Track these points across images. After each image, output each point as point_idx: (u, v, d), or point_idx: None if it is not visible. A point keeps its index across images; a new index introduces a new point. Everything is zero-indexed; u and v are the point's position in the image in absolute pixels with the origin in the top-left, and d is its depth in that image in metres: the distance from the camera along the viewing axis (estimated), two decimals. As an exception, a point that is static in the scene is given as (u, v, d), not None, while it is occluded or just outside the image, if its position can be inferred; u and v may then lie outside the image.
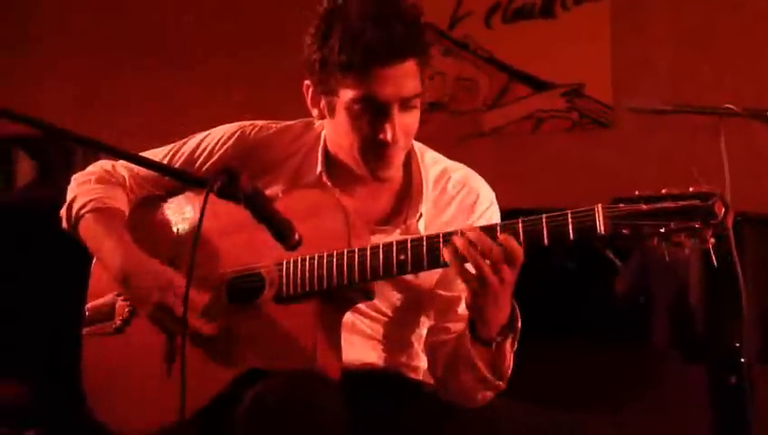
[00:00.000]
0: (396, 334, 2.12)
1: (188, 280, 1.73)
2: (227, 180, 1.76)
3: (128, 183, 2.26)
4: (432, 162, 2.16)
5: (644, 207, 1.71)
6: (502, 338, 1.91)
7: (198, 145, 2.21)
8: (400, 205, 2.12)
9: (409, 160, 2.13)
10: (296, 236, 1.79)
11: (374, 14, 1.92)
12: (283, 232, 1.80)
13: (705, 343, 2.80)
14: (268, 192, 2.07)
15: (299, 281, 1.93)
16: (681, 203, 1.68)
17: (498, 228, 1.82)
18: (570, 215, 1.75)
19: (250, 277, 2.01)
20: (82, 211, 2.19)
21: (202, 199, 1.73)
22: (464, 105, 4.21)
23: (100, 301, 2.20)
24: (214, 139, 2.19)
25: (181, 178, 2.05)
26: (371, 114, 1.96)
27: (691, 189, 1.70)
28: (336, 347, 1.95)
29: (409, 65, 1.94)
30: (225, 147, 2.17)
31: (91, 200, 2.19)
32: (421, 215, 2.08)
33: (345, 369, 1.95)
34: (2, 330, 3.33)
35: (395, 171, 2.07)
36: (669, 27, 4.01)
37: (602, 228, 1.71)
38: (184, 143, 2.23)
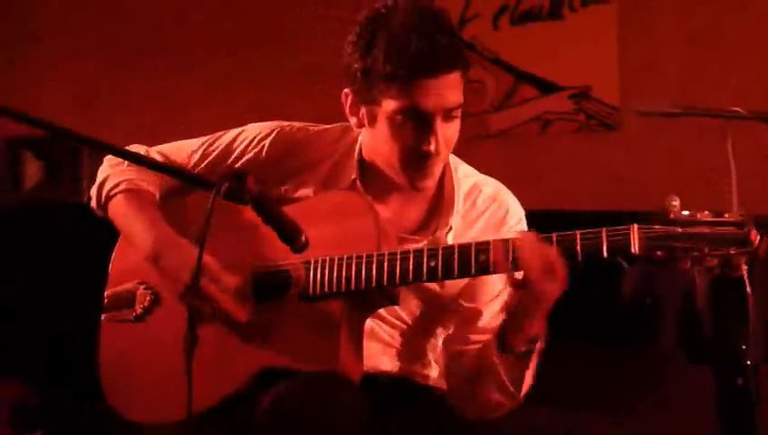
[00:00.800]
0: (412, 343, 2.12)
1: (196, 275, 1.74)
2: (234, 183, 1.77)
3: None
4: (464, 176, 2.16)
5: (679, 230, 1.72)
6: (527, 349, 1.91)
7: (234, 140, 2.19)
8: (431, 216, 2.12)
9: (443, 173, 2.12)
10: (303, 239, 1.79)
11: (418, 25, 1.92)
12: (289, 234, 1.81)
13: (711, 346, 2.80)
14: (299, 193, 2.11)
15: (326, 281, 1.93)
16: (717, 229, 1.70)
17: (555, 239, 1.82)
18: (605, 233, 1.76)
19: (276, 273, 2.01)
20: (114, 191, 2.18)
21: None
22: (471, 107, 4.18)
23: (121, 287, 2.19)
24: (249, 135, 2.19)
25: (189, 181, 2.05)
26: (414, 125, 1.96)
27: (726, 216, 1.71)
28: (358, 351, 1.95)
29: (453, 77, 1.95)
30: (261, 145, 2.16)
31: (123, 181, 2.18)
32: (451, 228, 2.08)
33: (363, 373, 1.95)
34: (8, 330, 3.33)
35: (433, 182, 2.07)
36: (676, 29, 4.00)
37: (636, 249, 1.73)
38: (219, 137, 2.22)
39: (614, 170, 3.93)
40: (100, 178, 2.23)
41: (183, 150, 2.24)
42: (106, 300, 2.20)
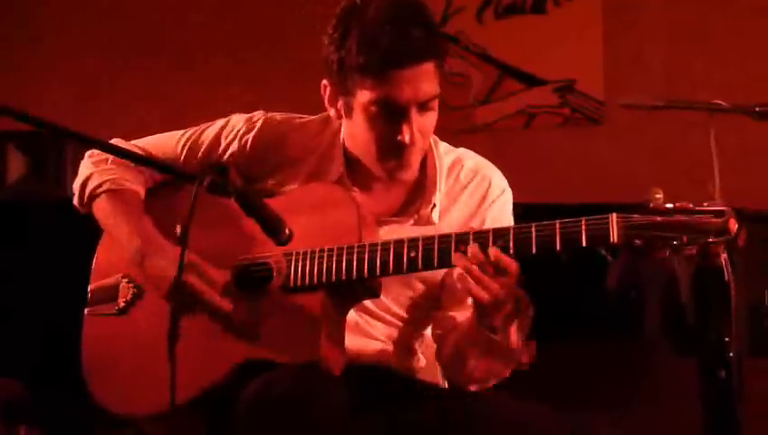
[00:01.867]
0: (397, 334, 2.12)
1: (179, 270, 1.74)
2: (218, 176, 1.76)
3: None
4: (445, 152, 2.16)
5: (658, 219, 1.73)
6: (505, 324, 1.92)
7: (219, 133, 2.18)
8: (414, 196, 2.12)
9: (425, 156, 2.12)
10: (287, 232, 1.80)
11: (392, 16, 1.92)
12: (273, 227, 1.81)
13: (695, 338, 2.81)
14: (287, 188, 2.10)
15: (307, 272, 1.93)
16: (695, 217, 1.71)
17: (491, 238, 1.83)
18: (583, 222, 1.77)
19: (258, 265, 2.01)
20: (98, 191, 2.18)
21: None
22: (456, 101, 4.21)
23: (105, 281, 2.19)
24: (234, 128, 2.17)
25: (171, 173, 2.05)
26: (389, 116, 1.96)
27: (706, 204, 1.72)
28: (340, 342, 1.95)
29: (427, 67, 1.94)
30: (245, 139, 2.15)
31: (106, 180, 2.17)
32: (434, 205, 2.09)
33: (346, 365, 1.95)
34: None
35: (412, 173, 2.06)
36: (661, 23, 4.01)
37: (615, 238, 1.74)
38: (203, 130, 2.21)
39: (599, 164, 3.94)
40: (82, 175, 2.22)
41: (166, 144, 2.23)
42: (89, 294, 2.20)
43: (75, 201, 2.23)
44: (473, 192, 2.13)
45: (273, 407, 1.75)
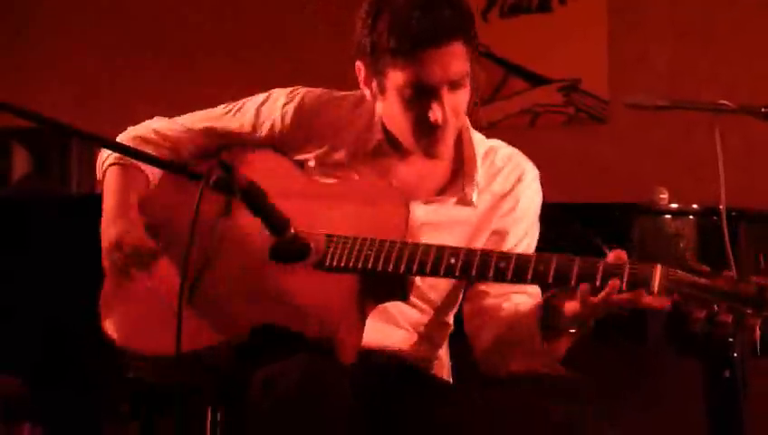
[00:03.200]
0: (426, 323, 2.15)
1: (184, 268, 1.75)
2: (224, 173, 1.77)
3: (180, 141, 2.29)
4: (480, 141, 2.22)
5: (701, 281, 1.74)
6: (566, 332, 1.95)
7: (261, 105, 2.24)
8: (456, 176, 2.16)
9: (461, 137, 2.17)
10: (291, 232, 1.80)
11: None
12: (277, 225, 1.81)
13: (699, 337, 2.81)
14: (336, 157, 2.16)
15: (345, 255, 1.95)
16: (737, 287, 1.72)
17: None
18: (627, 266, 1.78)
19: (297, 241, 2.00)
20: (106, 163, 2.25)
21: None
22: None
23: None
24: (275, 100, 2.23)
25: (176, 171, 2.05)
26: (421, 96, 2.00)
27: (753, 278, 1.72)
28: (358, 332, 1.95)
29: (456, 47, 1.99)
30: (287, 108, 2.20)
31: (111, 154, 2.24)
32: (477, 184, 2.14)
33: (362, 351, 1.96)
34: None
35: (447, 149, 2.11)
36: (666, 23, 4.01)
37: (656, 288, 1.75)
38: (244, 103, 2.27)
39: (603, 163, 3.94)
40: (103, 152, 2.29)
41: (209, 117, 2.30)
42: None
43: (99, 176, 2.30)
44: (508, 175, 2.19)
45: (280, 399, 1.75)
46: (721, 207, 2.41)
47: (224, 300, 1.99)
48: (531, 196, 2.19)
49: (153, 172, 2.24)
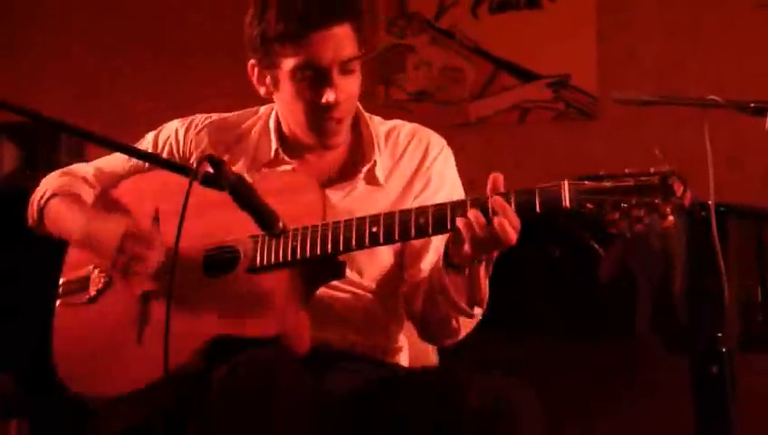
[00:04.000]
0: (373, 313, 2.16)
1: (173, 263, 1.74)
2: (212, 168, 1.77)
3: (95, 179, 2.31)
4: (380, 123, 2.26)
5: (607, 184, 1.80)
6: (476, 262, 1.95)
7: (156, 136, 2.30)
8: (355, 159, 2.20)
9: (358, 121, 2.21)
10: (280, 225, 1.81)
11: None
12: (267, 220, 1.81)
13: (687, 333, 2.81)
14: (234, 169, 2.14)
15: (273, 252, 1.97)
16: (641, 180, 1.79)
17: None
18: (537, 190, 1.84)
19: (225, 250, 2.05)
20: (43, 200, 2.25)
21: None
22: (450, 95, 4.21)
23: (76, 273, 2.23)
24: (169, 131, 2.29)
25: (167, 167, 2.05)
26: (313, 81, 2.05)
27: (652, 170, 1.80)
28: (306, 322, 1.97)
29: (344, 29, 2.04)
30: (185, 138, 2.26)
31: (50, 188, 2.26)
32: (375, 162, 2.16)
33: (317, 348, 1.98)
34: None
35: (342, 137, 2.15)
36: (655, 20, 4.02)
37: (567, 202, 1.81)
38: (142, 141, 2.32)
39: (592, 159, 3.94)
40: (33, 196, 2.30)
41: (118, 159, 2.32)
42: (61, 286, 2.24)
43: (30, 222, 2.31)
44: (413, 152, 2.21)
45: (238, 393, 1.76)
46: (710, 202, 2.42)
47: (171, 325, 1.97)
48: (440, 170, 2.20)
49: (88, 199, 2.27)
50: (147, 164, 2.25)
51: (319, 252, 1.94)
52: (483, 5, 4.18)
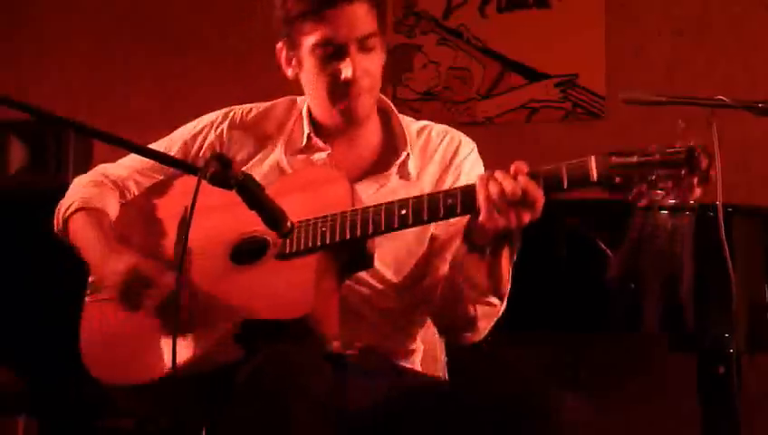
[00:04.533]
0: (392, 311, 2.16)
1: (181, 263, 1.75)
2: (220, 167, 1.77)
3: (130, 180, 2.31)
4: (411, 121, 2.28)
5: (634, 158, 1.83)
6: (498, 245, 1.95)
7: (191, 133, 2.29)
8: (387, 152, 2.22)
9: (389, 118, 2.24)
10: (288, 224, 1.81)
11: None
12: (275, 219, 1.81)
13: (695, 333, 2.81)
14: (270, 161, 2.20)
15: (302, 238, 1.99)
16: (667, 153, 1.81)
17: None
18: (564, 166, 1.88)
19: (253, 240, 2.07)
20: (67, 213, 2.26)
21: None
22: (457, 94, 4.22)
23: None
24: (205, 125, 2.28)
25: (175, 165, 2.07)
26: (332, 57, 2.09)
27: (678, 144, 1.82)
28: (334, 302, 1.99)
29: (362, 6, 2.08)
30: (222, 126, 2.26)
31: (74, 202, 2.26)
32: (408, 154, 2.18)
33: (339, 350, 1.99)
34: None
35: (365, 113, 2.16)
36: (664, 18, 4.01)
37: (594, 176, 1.84)
38: (175, 134, 2.31)
39: (600, 159, 3.93)
40: (61, 202, 2.30)
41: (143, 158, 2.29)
42: (91, 284, 2.24)
43: (55, 228, 2.30)
44: (445, 149, 2.23)
45: (262, 393, 1.77)
46: (717, 202, 2.42)
47: (200, 313, 2.01)
48: (470, 167, 2.22)
49: (113, 213, 2.27)
50: (173, 152, 2.25)
51: (348, 236, 1.95)
52: (491, 5, 4.18)
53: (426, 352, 2.26)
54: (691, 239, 2.80)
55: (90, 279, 2.25)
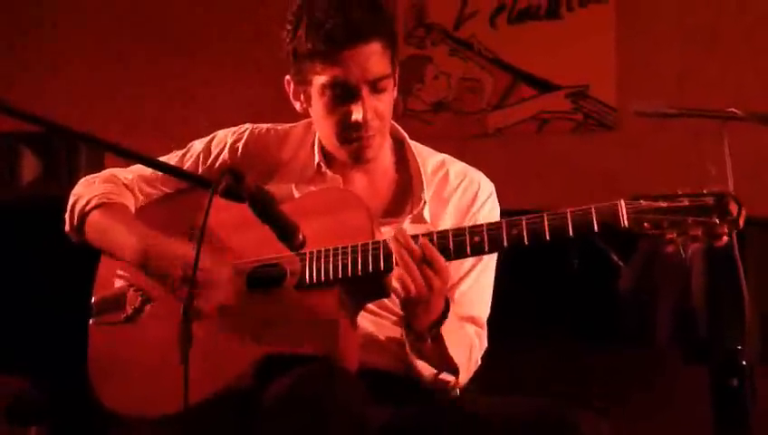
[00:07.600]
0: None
1: (192, 278, 1.74)
2: (232, 181, 1.77)
3: (135, 185, 2.27)
4: (428, 153, 2.23)
5: (663, 204, 1.81)
6: (435, 332, 1.96)
7: (206, 147, 2.25)
8: (403, 194, 2.17)
9: (404, 151, 2.19)
10: (300, 237, 1.80)
11: (336, 2, 2.01)
12: (287, 232, 1.81)
13: (707, 345, 2.80)
14: (281, 189, 2.13)
15: (323, 269, 1.96)
16: (697, 200, 1.80)
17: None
18: (593, 209, 1.84)
19: (271, 267, 2.03)
20: (87, 208, 2.20)
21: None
22: (468, 106, 4.21)
23: (109, 291, 2.19)
24: (221, 141, 2.25)
25: (187, 179, 2.06)
26: (342, 98, 2.04)
27: (705, 191, 1.81)
28: (354, 338, 1.97)
29: (374, 47, 2.02)
30: (236, 147, 2.22)
31: (95, 196, 2.20)
32: (425, 202, 2.13)
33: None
34: (6, 327, 3.33)
35: (375, 154, 2.12)
36: (674, 29, 4.01)
37: (626, 222, 1.81)
38: (191, 147, 2.28)
39: (611, 170, 3.93)
40: (71, 200, 2.25)
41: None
42: (93, 306, 2.20)
43: (67, 228, 2.25)
44: (462, 194, 2.18)
45: (294, 408, 1.76)
46: (729, 214, 2.40)
47: (213, 344, 1.97)
48: (486, 215, 2.17)
49: (133, 204, 2.24)
50: (186, 165, 2.23)
51: (371, 269, 1.93)
52: (501, 16, 4.18)
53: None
54: (703, 251, 2.79)
55: (92, 300, 2.21)
